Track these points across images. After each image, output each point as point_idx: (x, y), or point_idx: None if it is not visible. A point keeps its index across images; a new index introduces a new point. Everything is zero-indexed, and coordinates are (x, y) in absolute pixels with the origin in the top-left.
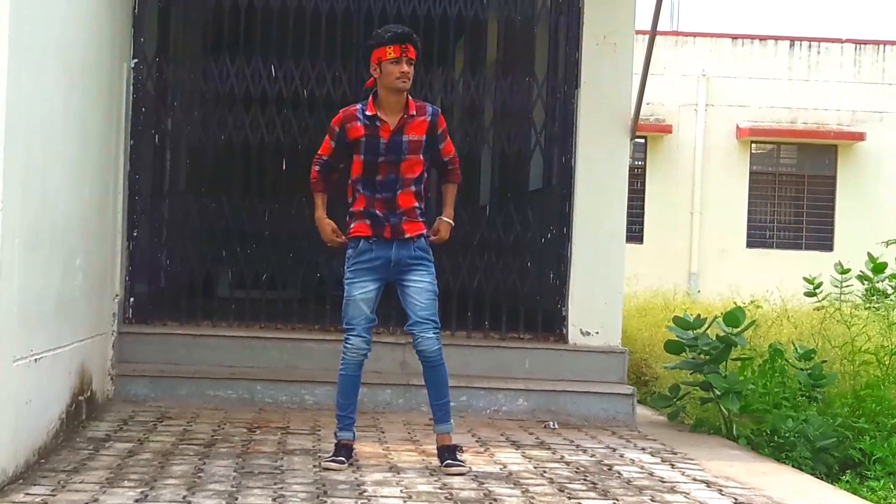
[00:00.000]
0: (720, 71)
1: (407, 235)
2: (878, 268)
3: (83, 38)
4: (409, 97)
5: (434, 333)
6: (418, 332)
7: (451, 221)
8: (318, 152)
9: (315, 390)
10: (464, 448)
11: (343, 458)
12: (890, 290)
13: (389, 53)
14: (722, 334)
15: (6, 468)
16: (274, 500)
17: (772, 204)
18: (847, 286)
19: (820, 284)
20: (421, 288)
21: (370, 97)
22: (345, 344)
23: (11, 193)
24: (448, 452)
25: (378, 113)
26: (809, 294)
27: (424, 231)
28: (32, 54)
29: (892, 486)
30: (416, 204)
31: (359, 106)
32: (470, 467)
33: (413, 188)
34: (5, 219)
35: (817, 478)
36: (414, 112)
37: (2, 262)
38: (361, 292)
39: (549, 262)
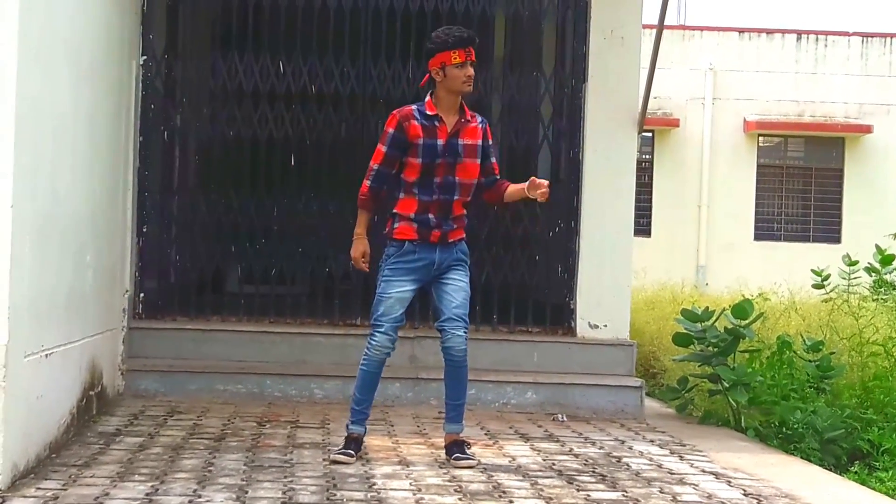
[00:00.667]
0: (727, 64)
1: (450, 240)
2: (886, 260)
3: (92, 35)
4: (464, 103)
5: (465, 332)
6: (450, 328)
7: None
8: (371, 163)
9: (324, 384)
10: (472, 441)
11: (352, 452)
12: None
13: (455, 58)
14: (730, 326)
15: (17, 463)
16: (284, 493)
17: (779, 197)
18: (855, 278)
19: (828, 277)
20: (459, 287)
21: (428, 97)
22: (370, 340)
23: (22, 190)
24: (457, 446)
25: (439, 112)
26: (817, 286)
27: (463, 236)
28: (42, 52)
29: None
30: (465, 213)
31: (414, 106)
32: (479, 460)
33: (469, 197)
34: (16, 216)
35: (826, 469)
36: (469, 117)
37: (12, 258)
38: (399, 291)
39: (558, 255)
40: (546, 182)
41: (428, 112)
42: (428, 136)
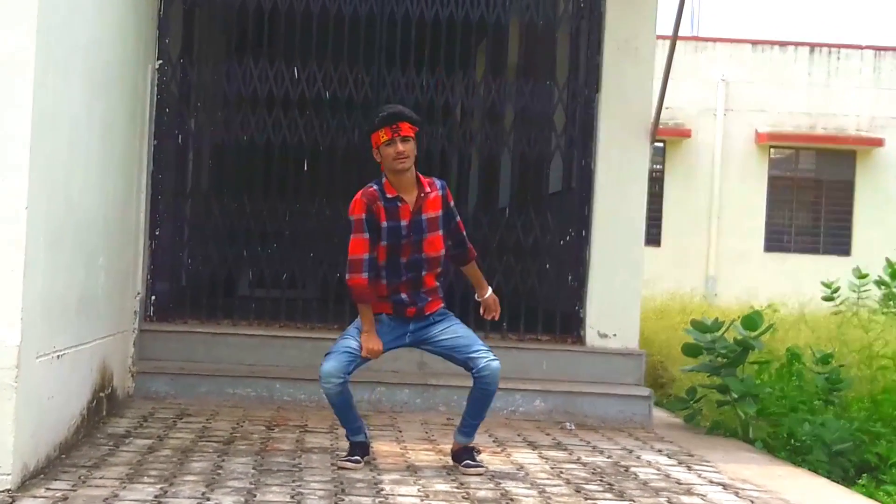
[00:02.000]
0: (740, 76)
1: (427, 314)
2: None
3: (109, 40)
4: (419, 174)
5: (491, 353)
6: (479, 357)
7: (493, 295)
8: (355, 254)
9: None
10: (481, 448)
11: (358, 458)
12: None
13: (382, 137)
14: (739, 338)
15: (28, 463)
16: (292, 497)
17: (790, 208)
18: (865, 291)
19: (837, 289)
20: (455, 332)
21: (384, 179)
22: (320, 373)
23: (36, 193)
24: (466, 452)
25: (399, 194)
26: (827, 298)
27: (442, 306)
28: (59, 57)
29: None
30: (439, 284)
31: (375, 187)
32: (487, 467)
33: (438, 269)
34: (30, 218)
35: (833, 481)
36: (427, 189)
37: (26, 260)
38: (353, 348)
39: (568, 264)
40: (496, 312)
41: (388, 195)
42: (391, 218)
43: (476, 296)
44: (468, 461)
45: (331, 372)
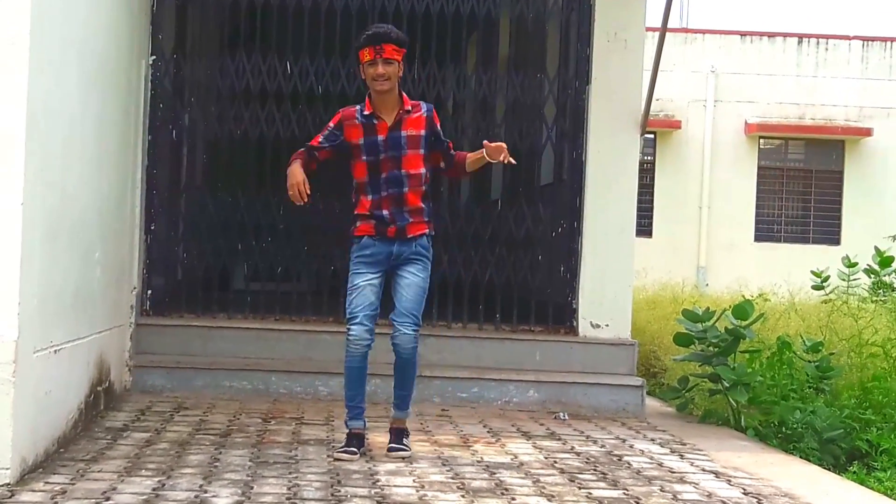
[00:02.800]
0: (729, 67)
1: (409, 235)
2: (885, 262)
3: (102, 36)
4: (403, 94)
5: (412, 330)
6: (398, 324)
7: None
8: (309, 144)
9: (329, 381)
10: (410, 431)
11: (355, 449)
12: None
13: (366, 56)
14: (730, 327)
15: (26, 457)
16: (289, 489)
17: (779, 198)
18: (854, 280)
19: (827, 278)
20: (412, 282)
21: (367, 97)
22: (347, 335)
23: (31, 189)
24: (395, 435)
25: (375, 111)
26: (817, 287)
27: (427, 231)
28: (53, 53)
29: None
30: (424, 205)
31: (357, 107)
32: (411, 451)
33: (421, 188)
34: (26, 213)
35: (825, 469)
36: (409, 108)
37: (22, 255)
38: (364, 280)
39: (560, 255)
40: (502, 144)
41: (366, 112)
42: (368, 134)
43: (488, 157)
44: (393, 444)
45: (361, 337)
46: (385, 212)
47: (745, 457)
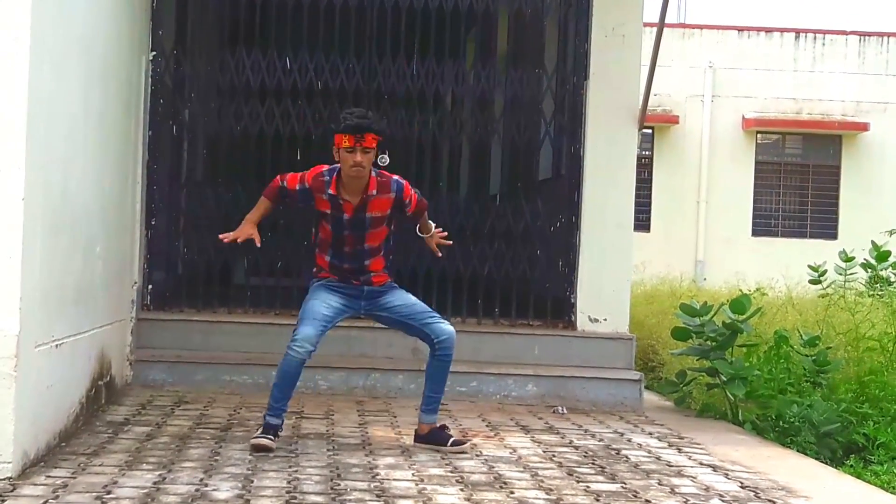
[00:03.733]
0: (726, 62)
1: (374, 284)
2: (882, 256)
3: (103, 32)
4: (372, 175)
5: (445, 320)
6: (438, 324)
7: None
8: (286, 177)
9: (329, 376)
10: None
11: (272, 437)
12: (893, 278)
13: (345, 142)
14: (728, 321)
15: (28, 451)
16: (289, 482)
17: (777, 193)
18: (851, 274)
19: (824, 272)
20: (405, 298)
21: (335, 174)
22: (292, 339)
23: (33, 185)
24: (439, 433)
25: (340, 193)
26: (814, 282)
27: (390, 280)
28: (54, 50)
29: (895, 470)
30: (385, 265)
31: (325, 178)
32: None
33: (382, 252)
34: (27, 209)
35: (821, 462)
36: (375, 191)
37: (24, 250)
38: (320, 299)
39: (558, 250)
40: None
41: (331, 191)
42: (335, 210)
43: (419, 231)
44: (454, 440)
45: (308, 336)
46: (349, 276)
47: (743, 450)
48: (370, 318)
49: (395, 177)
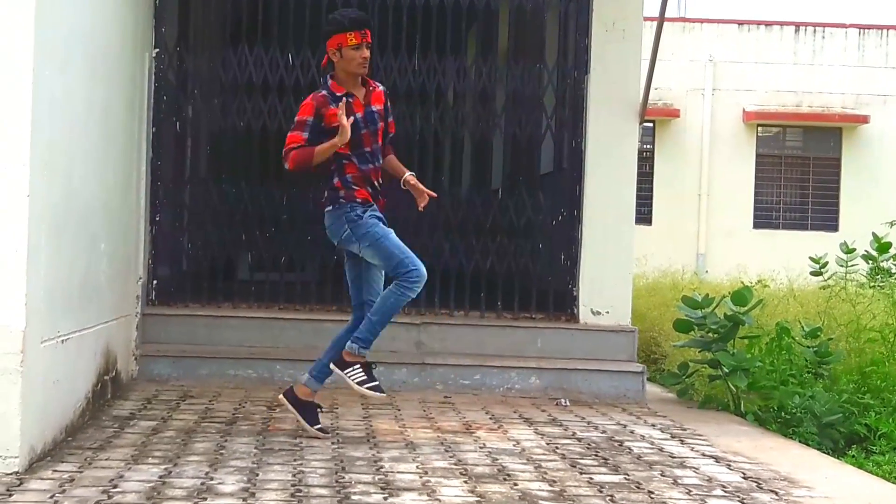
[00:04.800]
0: (727, 56)
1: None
2: (883, 247)
3: (106, 29)
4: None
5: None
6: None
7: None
8: (288, 143)
9: None
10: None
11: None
12: (894, 270)
13: (351, 40)
14: (730, 313)
15: (35, 446)
16: (293, 475)
17: (778, 186)
18: (852, 265)
19: (825, 264)
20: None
21: (329, 79)
22: (416, 275)
23: (38, 181)
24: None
25: (347, 90)
26: (815, 273)
27: None
28: (57, 48)
29: None
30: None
31: (323, 92)
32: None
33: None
34: (32, 206)
35: (823, 453)
36: (372, 86)
37: (29, 247)
38: (386, 227)
39: (560, 243)
40: (426, 198)
41: (337, 93)
42: (347, 113)
43: (402, 183)
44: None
45: (424, 271)
46: (376, 182)
47: (745, 441)
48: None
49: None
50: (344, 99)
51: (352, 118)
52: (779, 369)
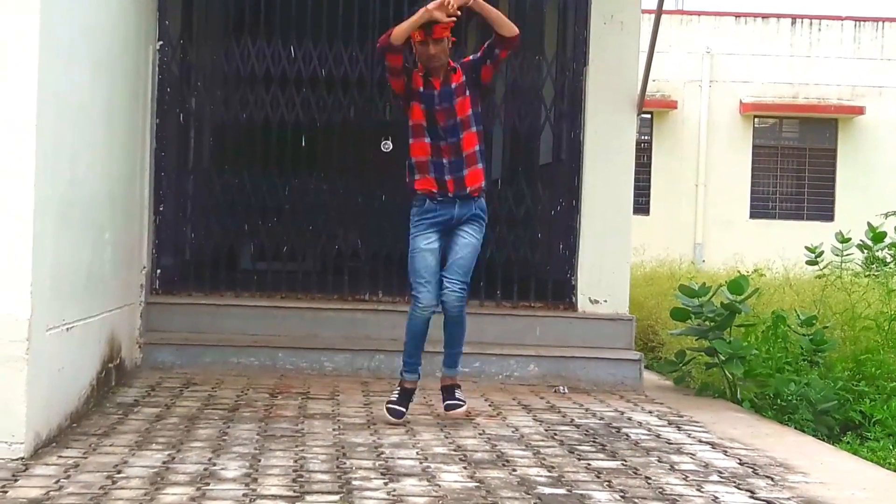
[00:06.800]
0: (724, 48)
1: (468, 191)
2: (878, 237)
3: (111, 22)
4: (449, 59)
5: (460, 289)
6: (448, 283)
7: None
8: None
9: (334, 357)
10: (460, 384)
11: (403, 409)
12: (889, 259)
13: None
14: (726, 302)
15: (40, 432)
16: (295, 461)
17: (774, 176)
18: (847, 255)
19: (821, 253)
20: (468, 242)
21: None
22: (414, 301)
23: (43, 172)
24: (447, 392)
25: (427, 74)
26: (811, 263)
27: (483, 183)
28: (62, 38)
29: (891, 447)
30: (478, 147)
31: (415, 68)
32: (466, 403)
33: (474, 129)
34: (38, 196)
35: (819, 439)
36: (454, 67)
37: (35, 236)
38: (427, 243)
39: (559, 233)
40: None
41: (421, 72)
42: (427, 86)
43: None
44: (448, 401)
45: (429, 302)
46: (444, 160)
47: (741, 428)
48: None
49: None
50: None
51: (421, 88)
52: (775, 357)
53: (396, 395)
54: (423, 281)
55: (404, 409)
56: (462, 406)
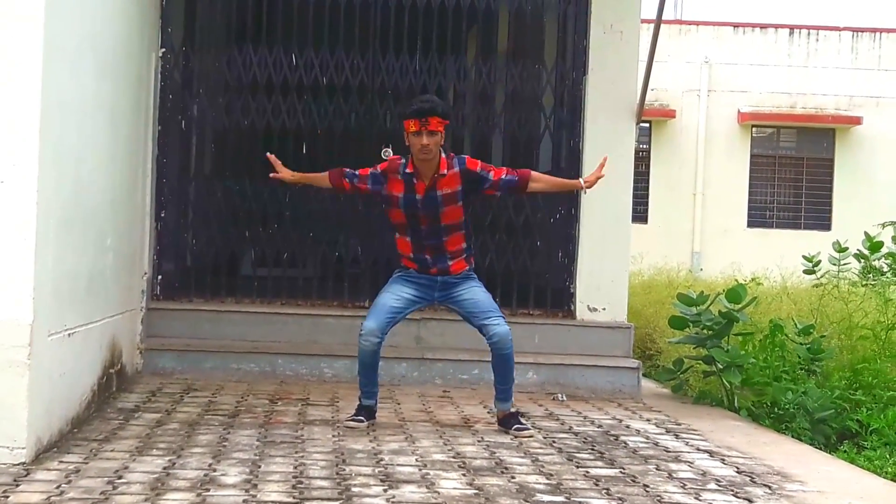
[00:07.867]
0: (722, 58)
1: (451, 274)
2: (875, 247)
3: (114, 29)
4: (442, 156)
5: (503, 320)
6: (488, 322)
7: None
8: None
9: (334, 363)
10: (524, 411)
11: (363, 418)
12: (886, 268)
13: (411, 126)
14: (724, 310)
15: (41, 437)
16: (295, 468)
17: (772, 185)
18: (845, 264)
19: (818, 263)
20: (475, 291)
21: (410, 156)
22: (360, 330)
23: (46, 178)
24: (512, 418)
25: (415, 171)
26: (808, 272)
27: (468, 267)
28: (67, 47)
29: (887, 456)
30: (464, 245)
31: (402, 161)
32: (532, 428)
33: (461, 231)
34: (40, 202)
35: (816, 448)
36: (445, 171)
37: (37, 242)
38: (392, 290)
39: (558, 241)
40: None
41: (407, 170)
42: (408, 190)
43: (583, 192)
44: (517, 426)
45: (372, 330)
46: (427, 256)
47: (739, 436)
48: (444, 307)
49: (461, 156)
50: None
51: (401, 195)
52: (772, 366)
53: (354, 411)
54: (375, 312)
55: (363, 418)
56: (529, 430)
